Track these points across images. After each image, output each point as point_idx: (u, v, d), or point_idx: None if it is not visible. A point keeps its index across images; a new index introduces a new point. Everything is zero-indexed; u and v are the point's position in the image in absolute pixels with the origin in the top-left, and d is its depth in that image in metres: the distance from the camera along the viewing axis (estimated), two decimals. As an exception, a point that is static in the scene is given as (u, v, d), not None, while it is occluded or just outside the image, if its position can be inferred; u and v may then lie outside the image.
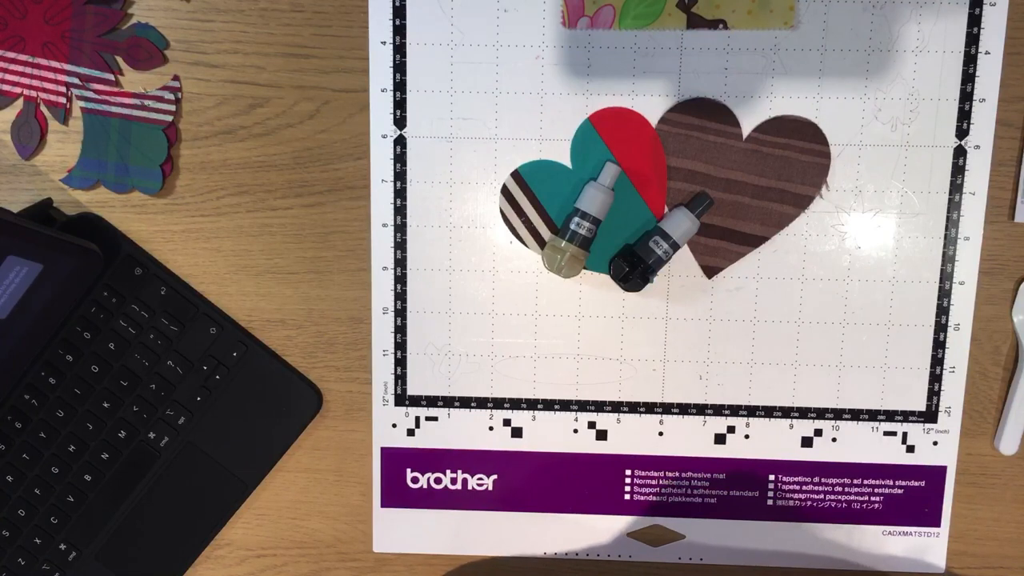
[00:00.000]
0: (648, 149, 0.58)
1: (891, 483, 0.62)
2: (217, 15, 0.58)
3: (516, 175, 0.59)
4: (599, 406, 0.62)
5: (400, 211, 0.60)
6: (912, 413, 0.61)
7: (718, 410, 0.62)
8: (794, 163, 0.58)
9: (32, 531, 0.63)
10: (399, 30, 0.58)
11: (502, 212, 0.60)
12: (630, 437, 0.62)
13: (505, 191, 0.59)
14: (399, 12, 0.58)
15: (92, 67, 0.58)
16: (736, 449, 0.62)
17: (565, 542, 0.64)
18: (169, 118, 0.59)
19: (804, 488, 0.63)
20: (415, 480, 0.64)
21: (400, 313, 0.61)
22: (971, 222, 0.59)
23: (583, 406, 0.62)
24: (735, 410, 0.62)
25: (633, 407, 0.62)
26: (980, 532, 0.63)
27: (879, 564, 0.63)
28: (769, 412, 0.62)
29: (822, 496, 0.63)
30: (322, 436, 0.63)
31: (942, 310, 0.60)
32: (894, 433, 0.61)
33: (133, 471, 0.62)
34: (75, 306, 0.60)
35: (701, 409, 0.62)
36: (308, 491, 0.64)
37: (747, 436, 0.62)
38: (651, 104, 0.58)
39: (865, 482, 0.62)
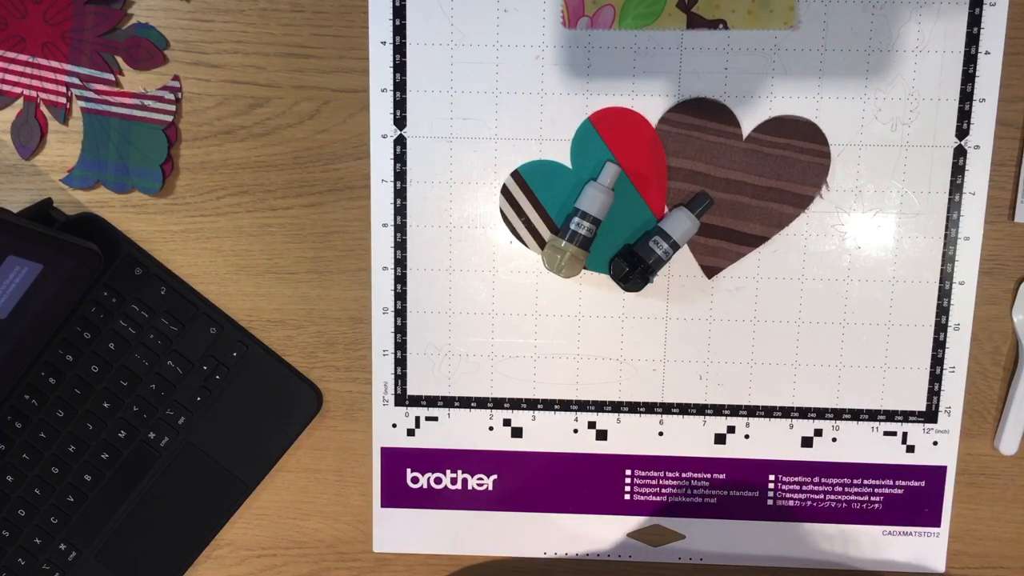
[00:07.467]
0: (648, 149, 0.58)
1: (891, 483, 0.62)
2: (217, 15, 0.58)
3: (516, 175, 0.59)
4: (599, 406, 0.62)
5: (400, 211, 0.60)
6: (912, 413, 0.61)
7: (718, 410, 0.62)
8: (794, 163, 0.58)
9: (32, 531, 0.63)
10: (399, 30, 0.58)
11: (502, 212, 0.60)
12: (630, 437, 0.62)
13: (505, 191, 0.59)
14: (399, 12, 0.58)
15: (92, 67, 0.58)
16: (736, 449, 0.62)
17: (565, 542, 0.64)
18: (169, 118, 0.59)
19: (804, 488, 0.63)
20: (415, 480, 0.63)
21: (400, 313, 0.61)
22: (971, 222, 0.59)
23: (583, 406, 0.62)
24: (735, 410, 0.62)
25: (633, 407, 0.62)
26: (980, 532, 0.63)
27: (879, 564, 0.63)
28: (769, 412, 0.62)
29: (822, 496, 0.63)
30: (322, 436, 0.63)
31: (942, 310, 0.60)
32: (894, 433, 0.61)
33: (133, 471, 0.62)
34: (75, 306, 0.60)
35: (701, 409, 0.62)
36: (308, 491, 0.64)
37: (747, 436, 0.62)
38: (651, 104, 0.58)
39: (865, 482, 0.62)
